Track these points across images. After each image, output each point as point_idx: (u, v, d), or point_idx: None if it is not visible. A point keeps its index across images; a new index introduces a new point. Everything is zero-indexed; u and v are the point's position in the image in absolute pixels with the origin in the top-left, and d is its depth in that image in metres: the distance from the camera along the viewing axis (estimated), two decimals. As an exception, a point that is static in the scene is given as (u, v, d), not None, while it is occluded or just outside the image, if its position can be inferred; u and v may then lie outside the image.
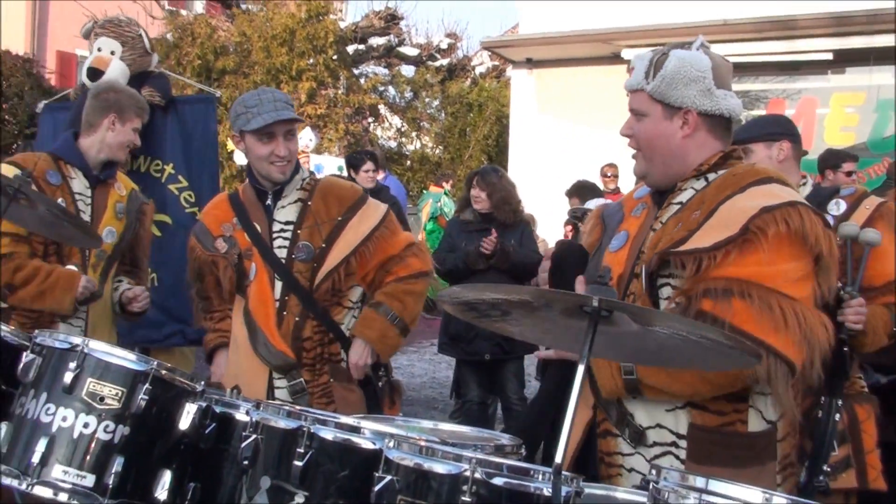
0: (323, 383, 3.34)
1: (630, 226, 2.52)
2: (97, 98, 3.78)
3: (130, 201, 3.92)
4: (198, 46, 16.87)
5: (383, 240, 3.39)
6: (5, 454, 2.51)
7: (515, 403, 6.30)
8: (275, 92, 3.42)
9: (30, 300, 3.52)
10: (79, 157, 3.73)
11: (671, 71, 2.35)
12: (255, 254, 3.37)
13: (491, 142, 19.30)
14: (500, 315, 1.75)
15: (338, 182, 3.61)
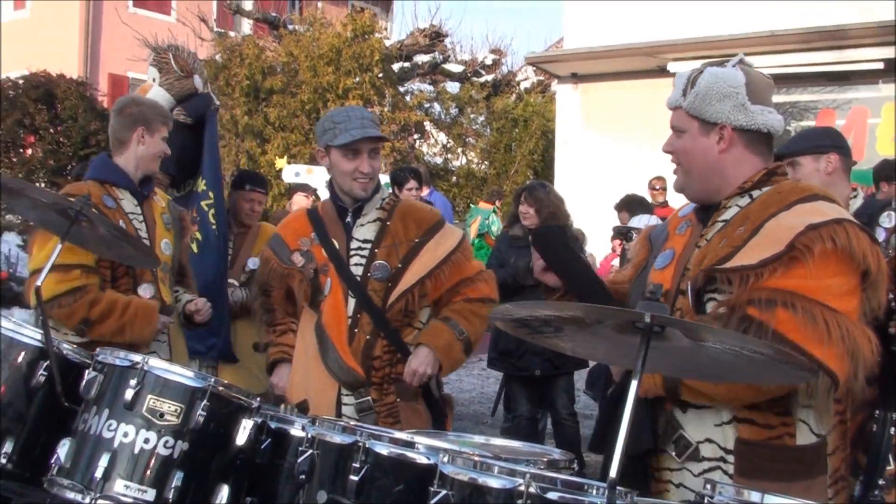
0: (389, 403, 3.34)
1: (675, 244, 2.54)
2: (122, 114, 3.76)
3: (171, 211, 3.95)
4: (246, 67, 17.13)
5: (458, 264, 3.41)
6: (69, 469, 2.58)
7: (566, 418, 6.28)
8: (362, 110, 3.48)
9: (110, 335, 3.48)
10: (124, 177, 3.71)
11: (704, 87, 2.40)
12: (331, 270, 3.39)
13: (536, 157, 19.30)
14: (552, 331, 1.77)
15: (417, 204, 3.66)
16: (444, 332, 3.37)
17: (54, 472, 2.60)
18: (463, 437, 2.80)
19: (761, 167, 2.43)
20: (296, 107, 17.10)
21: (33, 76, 17.18)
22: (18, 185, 3.00)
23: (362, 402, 3.33)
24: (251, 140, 16.85)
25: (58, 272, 3.38)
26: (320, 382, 3.35)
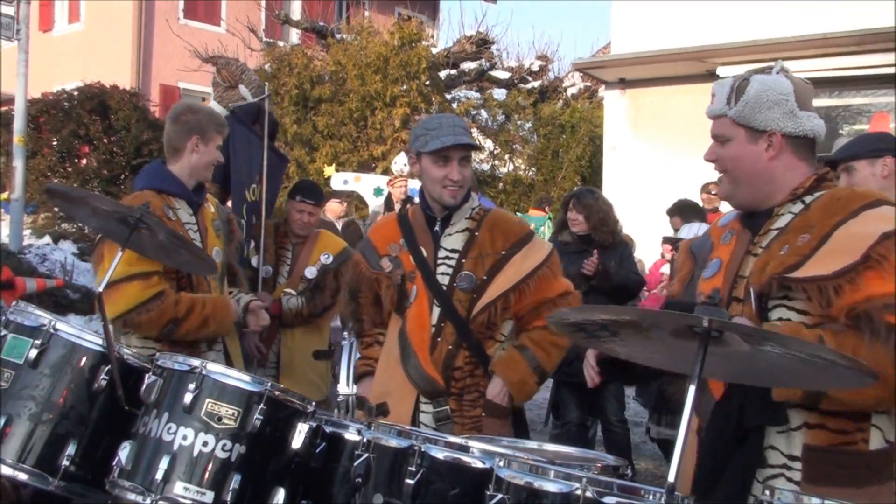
0: (475, 416, 3.32)
1: (721, 253, 2.53)
2: (177, 122, 3.77)
3: (220, 215, 3.98)
4: (294, 76, 17.30)
5: (543, 280, 3.37)
6: (130, 471, 2.64)
7: (616, 425, 6.23)
8: (454, 118, 3.47)
9: (195, 330, 3.59)
10: (180, 186, 3.74)
11: (754, 95, 2.40)
12: (417, 277, 3.38)
13: (584, 163, 19.22)
14: (608, 336, 1.77)
15: (506, 216, 3.60)
16: (519, 364, 3.33)
17: (116, 474, 2.66)
18: (516, 443, 2.81)
19: (810, 173, 2.44)
20: (344, 115, 17.23)
21: (87, 88, 17.51)
22: (80, 193, 3.07)
23: (440, 411, 3.30)
24: (300, 148, 17.00)
25: (140, 280, 3.48)
26: (400, 388, 3.34)
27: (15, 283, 7.54)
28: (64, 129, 16.79)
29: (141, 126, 16.76)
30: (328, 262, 5.28)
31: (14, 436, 2.79)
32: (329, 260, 5.29)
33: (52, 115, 17.12)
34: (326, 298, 5.22)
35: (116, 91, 17.51)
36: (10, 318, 2.95)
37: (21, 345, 2.87)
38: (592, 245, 6.06)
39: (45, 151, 17.05)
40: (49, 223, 17.06)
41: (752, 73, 2.46)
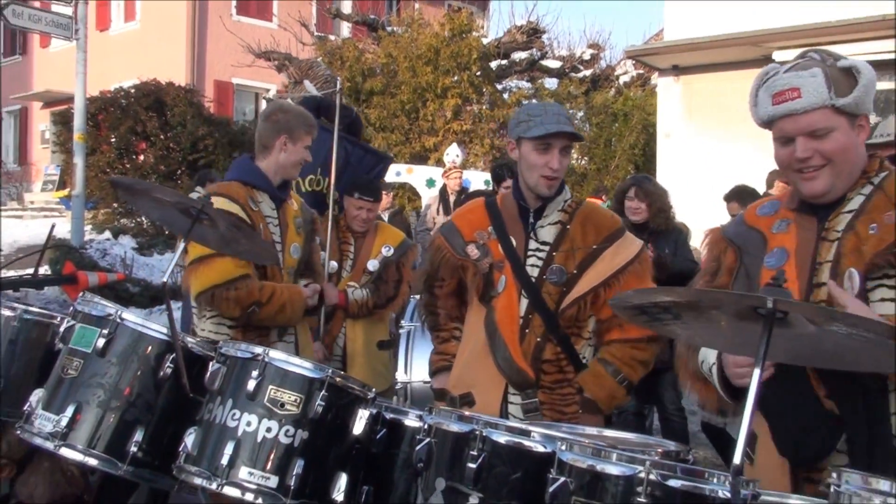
0: (571, 412, 3.26)
1: (782, 241, 2.45)
2: (268, 120, 3.85)
3: (303, 213, 4.02)
4: (346, 69, 17.39)
5: (634, 276, 3.29)
6: (196, 456, 2.70)
7: (673, 413, 6.19)
8: (558, 106, 3.40)
9: (272, 315, 3.66)
10: (265, 180, 3.81)
11: (868, 81, 2.31)
12: (506, 267, 3.32)
13: (637, 151, 19.06)
14: (670, 319, 1.76)
15: (598, 209, 3.53)
16: (604, 379, 3.25)
17: (182, 459, 2.72)
18: (575, 428, 2.80)
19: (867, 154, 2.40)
20: (395, 107, 17.30)
21: (144, 85, 17.82)
22: (143, 185, 3.14)
23: (529, 402, 3.24)
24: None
25: (233, 258, 3.55)
26: (487, 379, 3.28)
27: (78, 277, 7.70)
28: (122, 126, 17.11)
29: (196, 122, 17.02)
30: (389, 254, 5.32)
31: (84, 422, 2.86)
32: (390, 252, 5.32)
33: (110, 112, 17.46)
34: (390, 289, 5.27)
35: (172, 88, 17.80)
36: (78, 309, 3.03)
37: (89, 334, 2.94)
38: (647, 232, 6.00)
39: (104, 148, 17.39)
40: (109, 218, 17.42)
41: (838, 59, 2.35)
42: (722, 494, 1.80)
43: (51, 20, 12.57)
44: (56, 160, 25.28)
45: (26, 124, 29.85)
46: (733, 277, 2.55)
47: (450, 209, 11.12)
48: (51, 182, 25.46)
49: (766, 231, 2.53)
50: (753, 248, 2.53)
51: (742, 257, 2.54)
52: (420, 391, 5.66)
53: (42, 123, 28.69)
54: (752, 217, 2.62)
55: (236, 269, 3.56)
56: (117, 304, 3.07)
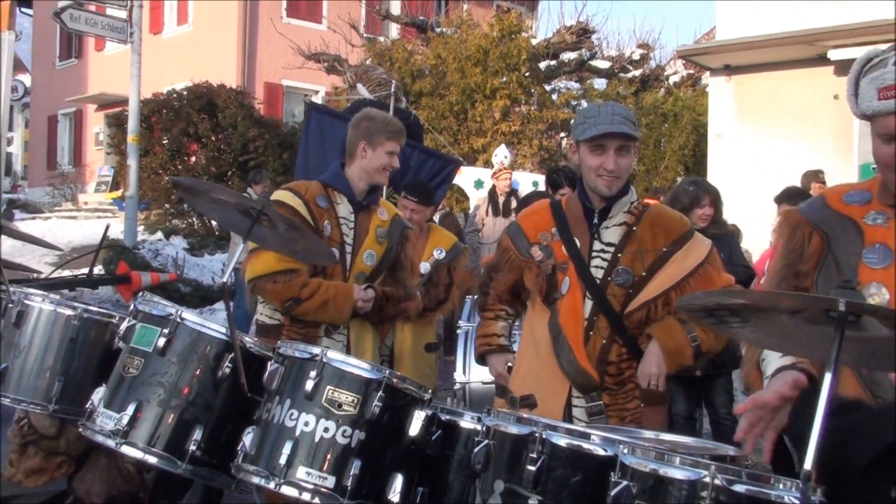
0: (633, 408, 3.22)
1: (885, 237, 2.31)
2: (354, 127, 3.94)
3: (393, 226, 4.03)
4: (396, 71, 17.44)
5: (706, 277, 3.25)
6: (254, 456, 2.72)
7: (724, 417, 6.10)
8: (615, 106, 3.34)
9: (313, 312, 3.69)
10: (345, 184, 3.89)
11: None
12: (570, 268, 3.29)
13: (687, 152, 18.86)
14: (738, 322, 1.73)
15: (667, 212, 3.45)
16: (677, 332, 3.21)
17: (240, 458, 2.75)
18: (632, 432, 2.78)
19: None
20: (444, 108, 17.32)
21: (196, 87, 18.05)
22: (203, 186, 3.17)
23: (594, 405, 3.21)
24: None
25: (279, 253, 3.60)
26: (552, 381, 3.25)
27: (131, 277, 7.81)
28: (174, 127, 17.33)
29: (247, 123, 17.20)
30: (441, 256, 5.33)
31: (144, 421, 2.90)
32: (442, 255, 5.33)
33: (162, 114, 17.71)
34: (440, 293, 5.28)
35: (223, 90, 18.00)
36: (139, 308, 3.08)
37: (150, 333, 2.99)
38: (707, 237, 5.90)
39: (157, 150, 17.64)
40: (161, 219, 17.67)
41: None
42: (788, 500, 1.77)
43: (106, 24, 12.80)
44: (110, 162, 25.67)
45: (81, 126, 30.35)
46: (819, 266, 2.43)
47: (499, 210, 11.12)
48: (104, 183, 25.87)
49: (860, 221, 2.39)
50: (845, 238, 2.39)
51: (830, 245, 2.41)
52: (478, 392, 5.65)
53: (96, 125, 29.16)
54: (836, 202, 2.47)
55: (278, 263, 3.63)
56: (176, 304, 3.11)
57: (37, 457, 3.85)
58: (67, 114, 30.74)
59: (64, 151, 31.03)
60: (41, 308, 3.61)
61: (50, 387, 3.49)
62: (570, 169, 8.64)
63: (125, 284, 7.69)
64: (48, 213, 24.93)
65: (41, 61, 31.85)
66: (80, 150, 30.34)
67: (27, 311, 3.61)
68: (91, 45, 28.50)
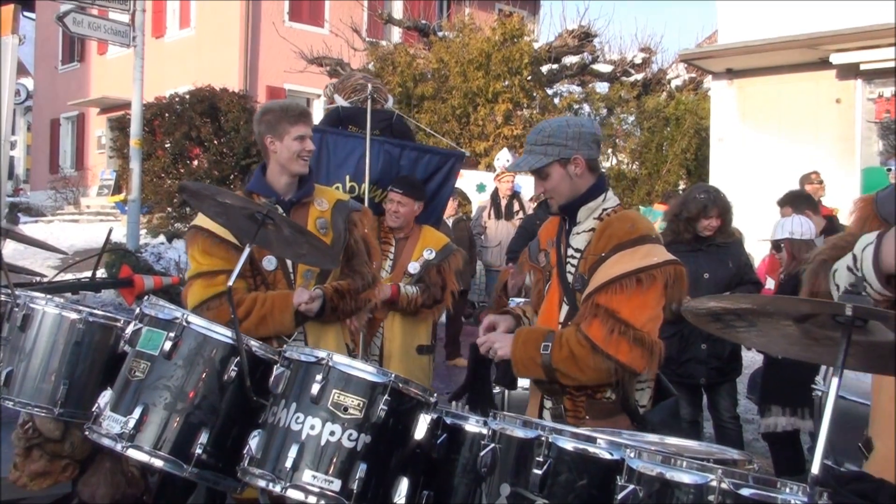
0: (580, 417, 3.20)
1: None
2: (256, 125, 3.86)
3: (335, 212, 3.90)
4: (398, 75, 17.46)
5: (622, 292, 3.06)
6: (260, 459, 2.73)
7: (728, 422, 6.11)
8: (532, 133, 3.36)
9: (254, 329, 3.54)
10: (264, 186, 3.80)
11: None
12: (554, 274, 3.35)
13: (689, 156, 18.86)
14: (745, 326, 1.74)
15: (625, 217, 3.29)
16: (534, 351, 3.13)
17: (246, 462, 2.75)
18: (636, 436, 2.78)
19: None
20: (446, 112, 17.33)
21: (199, 91, 18.06)
22: (209, 190, 3.18)
23: (555, 408, 3.25)
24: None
25: (204, 279, 3.60)
26: (532, 385, 3.36)
27: (134, 280, 7.83)
28: (177, 131, 17.33)
29: (249, 127, 17.18)
30: (430, 257, 5.35)
31: (150, 424, 2.90)
32: (431, 255, 5.35)
33: (165, 118, 17.71)
34: (438, 292, 5.30)
35: (226, 94, 18.00)
36: (146, 312, 3.08)
37: (156, 337, 2.99)
38: (704, 244, 5.88)
39: (159, 153, 17.64)
40: (163, 223, 17.66)
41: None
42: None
43: (109, 28, 12.81)
44: (112, 165, 25.72)
45: (83, 130, 30.40)
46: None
47: (501, 213, 11.15)
48: (106, 186, 25.91)
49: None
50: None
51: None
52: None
53: (98, 129, 29.20)
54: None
55: (206, 291, 3.59)
56: (182, 308, 3.12)
57: (41, 460, 3.86)
58: (70, 117, 30.79)
59: (66, 155, 31.07)
60: (46, 312, 3.62)
61: (55, 390, 3.50)
62: None
63: (128, 288, 7.71)
64: (50, 216, 24.98)
65: (44, 65, 31.90)
66: (82, 154, 30.38)
67: (32, 314, 3.62)
68: (94, 48, 28.53)
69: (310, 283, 3.78)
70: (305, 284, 3.76)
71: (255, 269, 3.70)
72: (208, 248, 3.64)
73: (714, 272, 5.80)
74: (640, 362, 3.02)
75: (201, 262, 3.64)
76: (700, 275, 5.76)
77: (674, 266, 3.14)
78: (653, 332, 3.07)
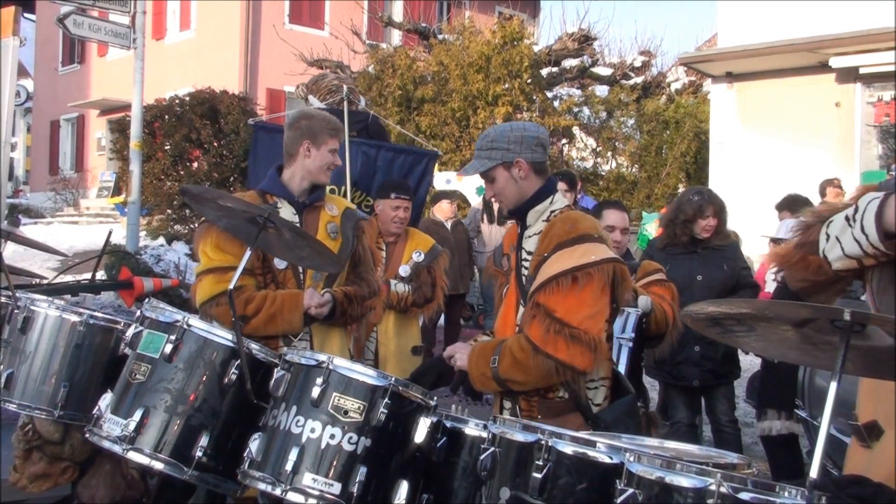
0: (534, 417, 3.20)
1: None
2: (292, 128, 3.85)
3: (345, 219, 3.94)
4: (398, 77, 17.46)
5: (558, 292, 3.06)
6: (260, 462, 2.73)
7: (726, 425, 6.10)
8: (478, 139, 3.47)
9: (262, 327, 3.58)
10: (281, 188, 3.80)
11: None
12: (512, 277, 3.40)
13: (689, 159, 18.89)
14: (744, 331, 1.75)
15: (567, 218, 3.29)
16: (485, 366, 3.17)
17: (247, 464, 2.76)
18: (635, 440, 2.79)
19: None
20: (446, 115, 17.33)
21: (199, 93, 18.04)
22: (211, 194, 3.19)
23: (512, 408, 3.26)
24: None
25: (215, 274, 3.58)
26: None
27: (134, 282, 7.84)
28: (177, 133, 17.32)
29: (249, 129, 17.18)
30: (420, 259, 5.42)
31: (151, 427, 2.91)
32: (421, 257, 5.44)
33: (165, 120, 17.69)
34: (428, 291, 5.37)
35: (226, 96, 17.97)
36: (147, 315, 3.08)
37: (157, 340, 3.00)
38: (701, 246, 5.89)
39: (159, 155, 17.62)
40: (163, 225, 17.66)
41: None
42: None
43: (110, 30, 12.78)
44: (112, 167, 25.72)
45: (83, 132, 30.40)
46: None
47: (493, 216, 11.14)
48: (106, 188, 25.93)
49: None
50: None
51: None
52: None
53: (98, 131, 29.20)
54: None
55: (216, 286, 3.57)
56: (182, 311, 3.13)
57: (41, 462, 3.86)
58: (70, 119, 30.80)
59: (66, 156, 31.08)
60: (47, 314, 3.63)
61: (55, 392, 3.51)
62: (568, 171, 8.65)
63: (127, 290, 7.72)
64: (50, 217, 24.98)
65: (44, 66, 31.92)
66: (81, 156, 30.38)
67: (33, 316, 3.63)
68: (94, 50, 28.55)
69: (318, 284, 3.80)
70: (314, 285, 3.79)
71: (265, 267, 3.70)
72: (220, 244, 3.61)
73: (708, 275, 5.80)
74: (580, 360, 3.01)
75: (213, 257, 3.62)
76: (693, 277, 5.78)
77: (613, 264, 3.14)
78: (592, 330, 3.06)
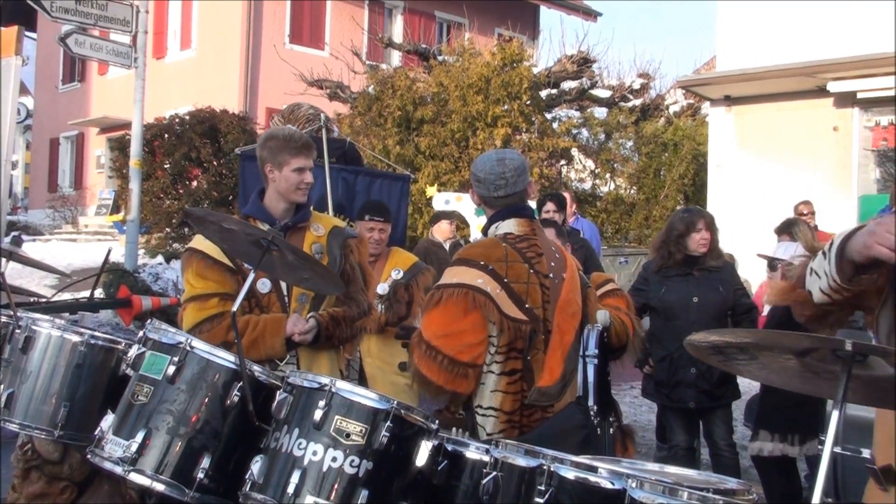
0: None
1: None
2: (258, 150, 3.87)
3: (331, 238, 3.92)
4: (398, 98, 17.51)
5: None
6: (262, 484, 2.74)
7: (724, 449, 6.09)
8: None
9: (245, 352, 3.40)
10: (262, 211, 3.82)
11: None
12: None
13: (687, 181, 18.94)
14: (746, 359, 1.76)
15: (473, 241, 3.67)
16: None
17: (248, 487, 2.76)
18: (636, 465, 2.80)
19: None
20: (445, 136, 17.37)
21: (199, 112, 18.13)
22: (215, 216, 3.21)
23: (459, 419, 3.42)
24: (402, 169, 17.22)
25: (197, 302, 3.63)
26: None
27: (132, 301, 7.85)
28: (176, 152, 17.39)
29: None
30: (398, 277, 5.46)
31: (153, 448, 2.91)
32: (399, 275, 5.47)
33: (165, 139, 17.76)
34: (402, 309, 5.39)
35: (226, 115, 18.07)
36: (149, 336, 3.09)
37: (160, 361, 3.00)
38: (696, 266, 5.92)
39: (159, 174, 17.68)
40: (161, 243, 17.68)
41: None
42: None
43: (111, 49, 12.83)
44: (111, 185, 25.74)
45: (82, 149, 30.44)
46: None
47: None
48: (104, 206, 25.92)
49: None
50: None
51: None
52: None
53: (98, 149, 29.25)
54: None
55: (199, 314, 3.63)
56: (184, 332, 3.14)
57: (40, 482, 3.86)
58: (69, 137, 30.84)
59: (65, 174, 31.11)
60: (48, 334, 3.63)
61: (56, 412, 3.51)
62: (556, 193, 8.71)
63: (126, 308, 7.73)
64: (48, 235, 24.96)
65: (44, 84, 31.99)
66: (81, 173, 30.40)
67: (34, 336, 3.63)
68: (94, 68, 28.62)
69: (304, 308, 3.79)
70: (300, 309, 3.77)
71: (249, 292, 3.63)
72: (201, 271, 3.66)
73: (704, 297, 5.84)
74: (434, 375, 3.23)
75: (195, 285, 3.67)
76: (689, 300, 5.82)
77: (465, 289, 3.26)
78: (445, 348, 3.23)
